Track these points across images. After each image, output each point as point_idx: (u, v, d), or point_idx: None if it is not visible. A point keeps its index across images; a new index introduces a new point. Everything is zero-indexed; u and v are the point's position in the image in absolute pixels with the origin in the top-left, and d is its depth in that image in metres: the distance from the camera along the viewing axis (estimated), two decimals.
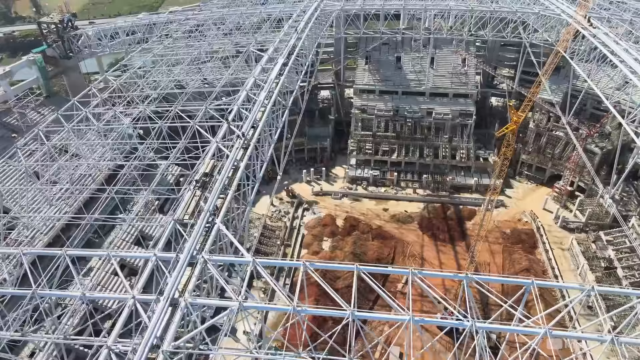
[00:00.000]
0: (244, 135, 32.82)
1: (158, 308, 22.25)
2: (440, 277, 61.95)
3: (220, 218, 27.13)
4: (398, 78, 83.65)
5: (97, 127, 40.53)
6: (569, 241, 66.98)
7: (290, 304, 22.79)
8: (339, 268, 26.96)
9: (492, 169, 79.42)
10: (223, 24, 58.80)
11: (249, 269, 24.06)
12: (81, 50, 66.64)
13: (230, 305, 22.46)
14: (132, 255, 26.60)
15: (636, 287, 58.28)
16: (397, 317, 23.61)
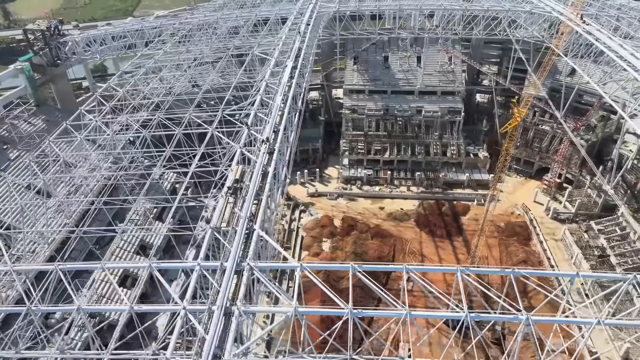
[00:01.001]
0: (268, 139, 32.76)
1: (214, 317, 22.06)
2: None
3: (259, 224, 27.05)
4: (387, 77, 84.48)
5: (111, 136, 39.53)
6: (562, 232, 69.01)
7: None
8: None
9: (482, 164, 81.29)
10: (220, 28, 58.21)
11: (298, 274, 24.08)
12: (69, 57, 64.92)
13: (286, 311, 22.47)
14: (175, 265, 26.17)
15: (630, 273, 61.00)
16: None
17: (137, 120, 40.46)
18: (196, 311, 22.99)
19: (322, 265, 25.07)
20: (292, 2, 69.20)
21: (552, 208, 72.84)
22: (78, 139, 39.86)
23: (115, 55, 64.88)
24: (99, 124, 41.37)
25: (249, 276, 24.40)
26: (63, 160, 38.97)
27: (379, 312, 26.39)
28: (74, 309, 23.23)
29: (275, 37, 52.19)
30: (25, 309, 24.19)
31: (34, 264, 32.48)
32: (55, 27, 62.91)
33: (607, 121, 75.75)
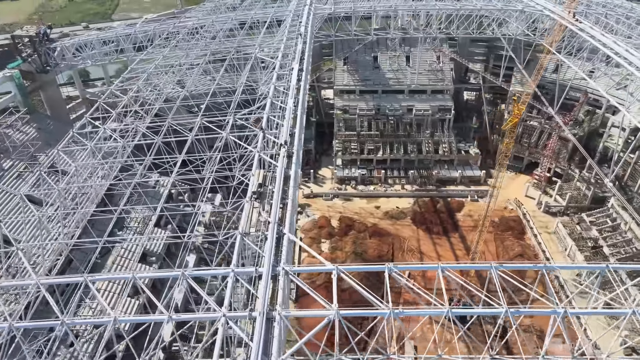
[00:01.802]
0: (287, 143, 32.79)
1: (257, 324, 22.03)
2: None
3: (288, 228, 27.09)
4: (377, 77, 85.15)
5: (123, 144, 38.86)
6: (554, 225, 70.67)
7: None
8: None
9: (473, 160, 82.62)
10: (216, 31, 57.77)
11: (334, 277, 24.21)
12: (58, 63, 63.51)
13: (328, 314, 22.57)
14: (210, 272, 25.95)
15: (623, 262, 62.88)
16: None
17: (148, 126, 39.73)
18: (236, 318, 22.90)
19: (357, 267, 25.09)
20: (282, 4, 69.26)
21: (544, 202, 74.54)
22: (88, 147, 39.02)
23: (107, 60, 63.67)
24: (108, 132, 40.52)
25: (284, 281, 24.40)
26: (75, 169, 37.89)
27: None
28: (111, 320, 22.84)
29: (274, 40, 52.07)
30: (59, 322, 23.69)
31: (61, 276, 31.62)
32: (44, 33, 61.45)
33: (592, 116, 77.79)
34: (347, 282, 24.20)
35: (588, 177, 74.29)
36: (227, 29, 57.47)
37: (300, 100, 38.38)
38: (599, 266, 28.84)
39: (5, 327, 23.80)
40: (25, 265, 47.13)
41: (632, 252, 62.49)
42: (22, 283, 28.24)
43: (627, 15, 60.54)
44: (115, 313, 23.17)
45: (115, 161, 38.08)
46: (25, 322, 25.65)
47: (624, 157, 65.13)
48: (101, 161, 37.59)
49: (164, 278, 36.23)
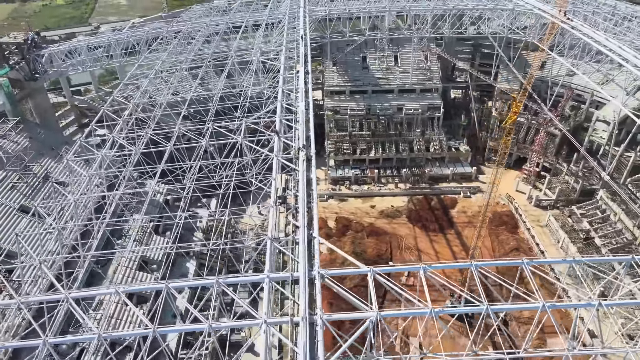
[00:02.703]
0: (305, 146, 32.85)
1: (301, 328, 22.10)
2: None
3: (316, 231, 27.19)
4: (366, 77, 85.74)
5: (135, 151, 38.20)
6: (546, 218, 72.35)
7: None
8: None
9: (464, 157, 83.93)
10: (211, 34, 57.34)
11: (370, 279, 24.43)
12: (47, 70, 62.10)
13: (369, 316, 22.79)
14: (244, 279, 25.84)
15: (614, 253, 64.84)
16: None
17: (157, 133, 39.15)
18: (278, 323, 22.91)
19: (391, 267, 25.35)
20: (273, 6, 69.07)
21: (535, 196, 76.24)
22: (99, 156, 38.24)
23: (99, 66, 62.51)
24: (119, 139, 39.77)
25: (320, 284, 24.50)
26: (89, 179, 37.07)
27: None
28: (149, 331, 22.53)
29: (272, 42, 51.97)
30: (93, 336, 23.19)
31: (92, 289, 30.84)
32: (32, 40, 59.99)
33: (577, 111, 79.91)
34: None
35: (576, 170, 76.33)
36: (222, 33, 57.05)
37: (311, 102, 38.48)
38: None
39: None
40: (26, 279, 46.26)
41: (623, 242, 64.41)
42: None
43: (613, 12, 62.46)
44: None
45: (126, 169, 37.37)
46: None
47: (619, 151, 66.98)
48: (112, 170, 36.82)
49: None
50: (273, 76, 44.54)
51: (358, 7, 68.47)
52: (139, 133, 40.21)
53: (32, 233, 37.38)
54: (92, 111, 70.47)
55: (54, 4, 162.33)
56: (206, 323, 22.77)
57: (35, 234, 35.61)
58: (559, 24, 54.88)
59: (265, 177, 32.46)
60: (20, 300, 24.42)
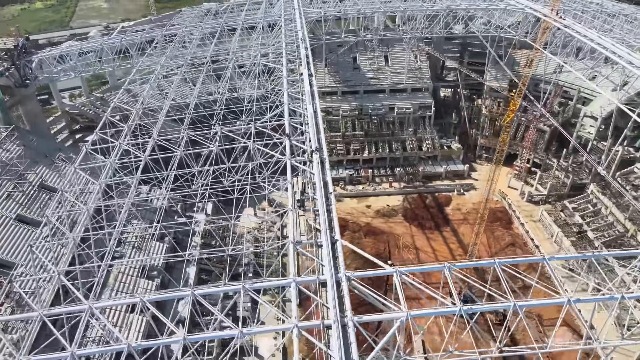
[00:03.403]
0: (318, 149, 32.93)
1: (334, 332, 22.19)
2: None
3: (338, 233, 27.31)
4: (357, 78, 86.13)
5: (144, 158, 37.71)
6: (538, 213, 73.66)
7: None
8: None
9: (456, 155, 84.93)
10: (206, 37, 56.94)
11: (397, 280, 24.63)
12: (37, 76, 60.90)
13: (399, 317, 22.98)
14: (270, 284, 25.76)
15: (607, 246, 66.37)
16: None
17: (166, 139, 38.71)
18: (309, 327, 22.98)
19: (416, 267, 25.58)
20: (266, 9, 68.88)
21: (527, 192, 77.53)
22: (108, 164, 37.64)
23: (92, 71, 61.52)
24: (127, 146, 39.18)
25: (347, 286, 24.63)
26: (100, 187, 36.45)
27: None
28: (179, 339, 22.37)
29: (271, 44, 51.88)
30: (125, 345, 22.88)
31: (115, 299, 30.31)
32: (22, 46, 58.77)
33: (565, 107, 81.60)
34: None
35: (566, 165, 77.90)
36: (218, 35, 56.67)
37: (317, 105, 38.56)
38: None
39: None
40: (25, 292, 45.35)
41: (615, 235, 65.95)
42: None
43: (600, 10, 63.97)
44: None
45: (135, 177, 36.88)
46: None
47: (607, 145, 68.41)
48: (122, 178, 36.33)
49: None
50: (274, 79, 44.45)
51: (353, 8, 68.73)
52: (144, 139, 39.69)
53: (46, 243, 36.34)
54: (83, 117, 69.37)
55: (33, 8, 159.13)
56: (237, 329, 22.69)
57: (51, 244, 34.66)
58: (552, 23, 56.02)
59: (277, 180, 32.37)
60: (42, 313, 23.98)
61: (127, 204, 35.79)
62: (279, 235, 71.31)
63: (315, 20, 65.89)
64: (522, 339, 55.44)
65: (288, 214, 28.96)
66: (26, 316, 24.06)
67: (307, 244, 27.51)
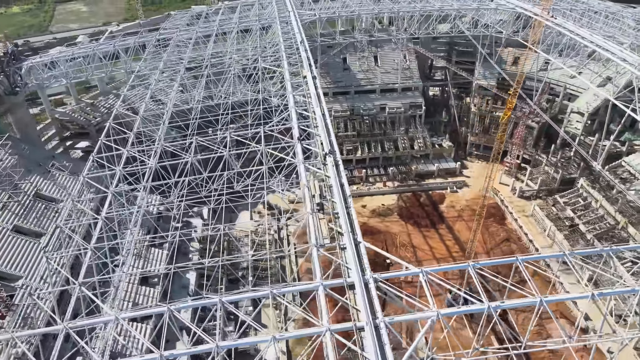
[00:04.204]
0: (332, 152, 33.06)
1: (367, 334, 22.37)
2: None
3: (360, 235, 27.51)
4: (348, 78, 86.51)
5: (154, 165, 37.26)
6: (530, 208, 75.04)
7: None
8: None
9: (447, 153, 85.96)
10: (201, 41, 56.52)
11: (424, 280, 24.93)
12: (27, 83, 59.67)
13: (430, 316, 23.29)
14: (298, 288, 25.75)
15: (599, 238, 67.98)
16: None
17: (179, 146, 38.28)
18: (341, 330, 23.11)
19: (441, 267, 25.91)
20: (258, 11, 68.63)
21: (518, 187, 78.92)
22: (117, 172, 37.06)
23: (83, 77, 60.49)
24: (135, 154, 38.64)
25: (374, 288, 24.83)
26: (113, 195, 35.80)
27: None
28: (212, 346, 22.21)
29: (269, 47, 51.78)
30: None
31: (139, 308, 29.81)
32: (11, 52, 57.52)
33: (552, 103, 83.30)
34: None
35: (555, 161, 79.53)
36: (214, 39, 56.35)
37: (325, 107, 38.69)
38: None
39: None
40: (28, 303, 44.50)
41: (606, 227, 67.56)
42: (102, 319, 25.67)
43: (588, 9, 65.53)
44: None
45: (147, 185, 36.44)
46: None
47: (594, 140, 69.92)
48: (134, 186, 35.85)
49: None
50: (276, 82, 44.43)
51: (346, 10, 69.02)
52: (151, 146, 39.22)
53: (62, 254, 35.62)
54: (74, 124, 68.20)
55: (10, 13, 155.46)
56: (270, 335, 22.70)
57: (67, 254, 33.98)
58: (544, 22, 57.21)
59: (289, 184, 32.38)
60: (66, 326, 23.59)
61: (141, 212, 35.34)
62: (276, 239, 71.35)
63: (309, 22, 65.95)
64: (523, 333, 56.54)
65: (307, 217, 28.97)
66: (51, 329, 23.57)
67: (308, 248, 27.46)
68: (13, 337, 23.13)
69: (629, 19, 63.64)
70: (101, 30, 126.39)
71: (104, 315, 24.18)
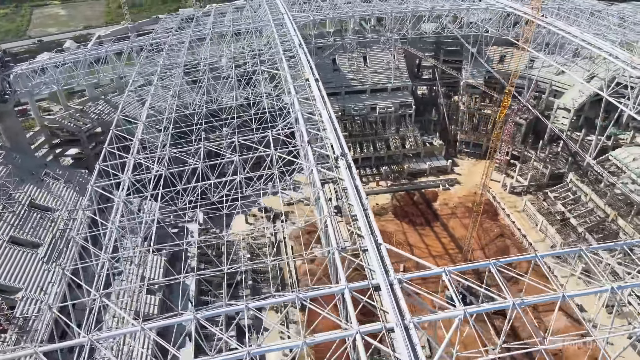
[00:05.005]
0: (344, 154, 33.19)
1: (398, 336, 22.57)
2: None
3: (380, 237, 27.71)
4: (338, 79, 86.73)
5: (164, 172, 36.77)
6: (522, 203, 76.41)
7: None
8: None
9: (438, 151, 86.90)
10: (195, 45, 56.04)
11: (447, 279, 25.24)
12: (17, 91, 58.36)
13: (457, 315, 23.62)
14: (323, 292, 25.75)
15: (590, 231, 69.57)
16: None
17: (189, 152, 37.88)
18: (370, 332, 23.28)
19: (464, 266, 26.24)
20: (249, 14, 68.32)
21: (509, 183, 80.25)
22: (126, 180, 36.48)
23: (75, 84, 59.42)
24: (142, 161, 38.06)
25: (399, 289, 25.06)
26: (126, 205, 35.20)
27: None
28: (244, 352, 22.12)
29: (266, 51, 51.62)
30: None
31: (164, 317, 29.07)
32: (0, 59, 56.18)
33: (539, 100, 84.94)
34: None
35: (543, 156, 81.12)
36: (209, 42, 55.91)
37: (329, 108, 38.80)
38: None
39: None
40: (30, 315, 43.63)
41: (596, 220, 69.20)
42: (128, 330, 25.06)
43: (575, 7, 67.03)
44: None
45: (160, 192, 35.95)
46: None
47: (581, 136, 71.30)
48: (146, 193, 35.37)
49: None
50: (276, 85, 44.34)
51: (340, 12, 69.22)
52: (159, 153, 38.70)
53: (73, 265, 34.88)
54: (64, 130, 66.94)
55: None
56: (301, 340, 22.73)
57: (87, 265, 33.28)
58: (535, 21, 58.39)
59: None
60: (91, 338, 23.24)
61: (155, 221, 34.95)
62: (272, 242, 71.16)
63: (302, 24, 66.00)
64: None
65: (326, 220, 29.04)
66: (76, 342, 23.15)
67: (319, 252, 27.67)
68: (37, 352, 22.64)
69: (614, 17, 65.39)
70: (82, 34, 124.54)
71: (129, 326, 23.88)
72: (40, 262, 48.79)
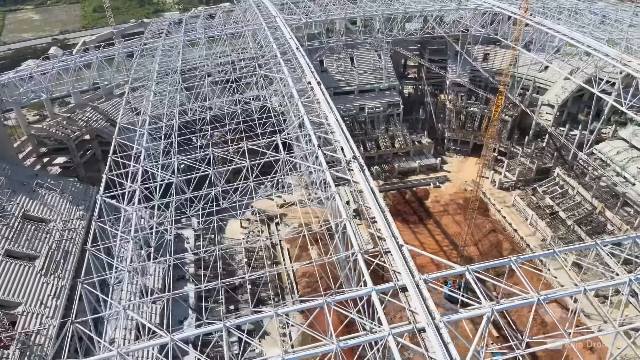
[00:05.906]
0: (356, 157, 33.38)
1: (430, 336, 22.92)
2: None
3: (401, 238, 28.02)
4: (326, 80, 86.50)
5: (175, 179, 36.32)
6: (511, 199, 77.94)
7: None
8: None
9: (427, 149, 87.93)
10: (190, 50, 55.53)
11: (471, 278, 25.69)
12: (3, 99, 56.89)
13: (485, 312, 24.08)
14: (353, 295, 25.85)
15: (579, 223, 71.39)
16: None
17: (195, 158, 37.53)
18: (402, 333, 23.57)
19: (485, 264, 26.70)
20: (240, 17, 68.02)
21: (498, 179, 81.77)
22: (137, 189, 35.88)
23: (66, 91, 58.18)
24: (149, 169, 37.54)
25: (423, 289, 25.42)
26: (134, 214, 34.60)
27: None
28: (277, 358, 22.13)
29: (263, 55, 51.47)
30: None
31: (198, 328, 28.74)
32: None
33: (523, 97, 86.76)
34: None
35: (530, 152, 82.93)
36: (203, 46, 55.46)
37: (335, 111, 38.98)
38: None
39: None
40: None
41: (585, 213, 71.06)
42: (159, 341, 24.59)
43: (560, 6, 68.75)
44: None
45: (173, 199, 35.55)
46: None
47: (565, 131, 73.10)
48: (160, 200, 34.91)
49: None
50: (276, 89, 44.30)
51: (332, 13, 69.41)
52: (167, 160, 38.22)
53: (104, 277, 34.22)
54: (51, 139, 65.50)
55: None
56: (334, 343, 22.86)
57: (110, 277, 32.66)
58: (524, 20, 59.69)
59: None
60: (120, 351, 22.94)
61: (172, 229, 34.57)
62: (268, 245, 70.90)
63: (295, 27, 66.02)
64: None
65: (345, 223, 29.22)
66: (107, 356, 22.83)
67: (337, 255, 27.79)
68: None
69: (597, 15, 67.40)
70: (59, 39, 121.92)
71: (158, 338, 23.62)
72: (38, 275, 47.76)
